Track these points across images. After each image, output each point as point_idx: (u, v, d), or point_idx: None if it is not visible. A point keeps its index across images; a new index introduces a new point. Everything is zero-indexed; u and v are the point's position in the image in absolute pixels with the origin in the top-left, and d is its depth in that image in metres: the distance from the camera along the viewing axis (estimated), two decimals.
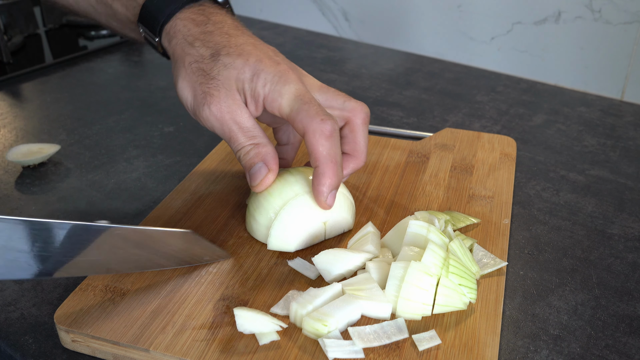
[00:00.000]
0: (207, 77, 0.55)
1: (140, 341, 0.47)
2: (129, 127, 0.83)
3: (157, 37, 0.59)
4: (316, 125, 0.52)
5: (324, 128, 0.52)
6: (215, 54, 0.55)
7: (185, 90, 0.56)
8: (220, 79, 0.55)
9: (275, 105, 0.54)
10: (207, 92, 0.55)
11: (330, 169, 0.53)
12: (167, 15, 0.58)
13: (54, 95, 0.93)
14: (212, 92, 0.54)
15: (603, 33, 0.91)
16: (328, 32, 1.18)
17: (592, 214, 0.66)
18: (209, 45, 0.56)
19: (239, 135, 0.55)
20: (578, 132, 0.83)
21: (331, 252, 0.52)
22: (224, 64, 0.55)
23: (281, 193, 0.55)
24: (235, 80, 0.55)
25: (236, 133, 0.55)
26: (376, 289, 0.49)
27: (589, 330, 0.51)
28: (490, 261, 0.55)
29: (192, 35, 0.57)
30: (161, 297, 0.51)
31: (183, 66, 0.56)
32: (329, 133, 0.52)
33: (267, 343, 0.47)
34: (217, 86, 0.55)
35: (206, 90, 0.55)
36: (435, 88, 0.96)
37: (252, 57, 0.55)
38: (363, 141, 0.58)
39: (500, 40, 1.00)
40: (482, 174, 0.68)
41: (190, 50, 0.56)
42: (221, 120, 0.54)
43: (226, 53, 0.55)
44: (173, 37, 0.58)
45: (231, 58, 0.55)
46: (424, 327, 0.49)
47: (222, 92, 0.54)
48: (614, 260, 0.59)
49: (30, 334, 0.51)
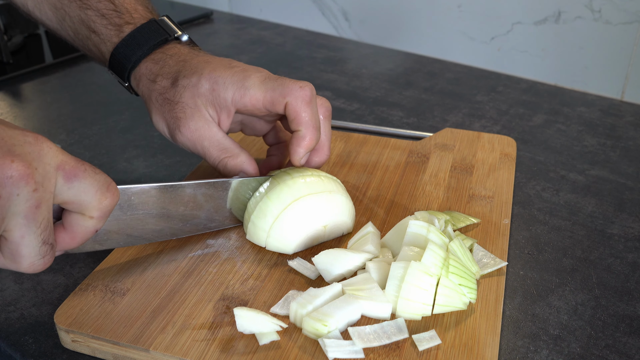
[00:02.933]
0: (172, 103, 0.58)
1: (140, 341, 0.47)
2: (128, 127, 0.83)
3: (127, 82, 0.62)
4: (297, 92, 0.55)
5: (304, 94, 0.55)
6: (174, 81, 0.58)
7: (159, 123, 0.59)
8: (183, 100, 0.57)
9: (246, 100, 0.56)
10: (176, 117, 0.57)
11: (311, 132, 0.56)
12: (133, 62, 0.61)
13: (53, 95, 0.93)
14: (179, 115, 0.57)
15: (603, 33, 0.91)
16: (328, 32, 1.18)
17: (592, 214, 0.66)
18: (168, 77, 0.59)
19: (212, 151, 0.57)
20: (578, 132, 0.83)
21: (331, 253, 0.52)
22: (183, 86, 0.57)
23: (279, 197, 0.54)
24: (197, 96, 0.57)
25: (208, 149, 0.57)
26: (376, 289, 0.49)
27: (589, 330, 0.51)
28: (490, 261, 0.55)
29: (153, 73, 0.60)
30: (161, 297, 0.51)
31: (152, 102, 0.59)
32: (309, 99, 0.56)
33: (267, 343, 0.47)
34: (183, 108, 0.57)
35: (174, 116, 0.57)
36: (435, 88, 0.96)
37: (206, 70, 0.57)
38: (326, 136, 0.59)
39: (500, 41, 1.00)
40: (482, 174, 0.68)
41: (153, 86, 0.59)
42: (192, 140, 0.57)
43: (183, 76, 0.58)
44: (139, 80, 0.61)
45: (187, 79, 0.57)
46: (424, 327, 0.49)
47: (187, 112, 0.57)
48: (614, 260, 0.59)
49: (30, 334, 0.51)
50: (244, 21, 1.25)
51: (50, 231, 0.42)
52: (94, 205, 0.43)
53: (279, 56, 1.08)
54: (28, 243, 0.40)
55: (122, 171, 0.73)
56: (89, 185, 0.42)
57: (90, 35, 0.63)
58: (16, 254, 0.41)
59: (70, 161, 0.42)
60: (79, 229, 0.44)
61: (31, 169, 0.39)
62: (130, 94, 0.65)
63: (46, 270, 0.57)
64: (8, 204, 0.38)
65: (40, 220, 0.40)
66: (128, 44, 0.61)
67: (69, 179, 0.41)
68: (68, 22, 0.64)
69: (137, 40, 0.61)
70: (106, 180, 0.44)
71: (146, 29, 0.61)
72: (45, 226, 0.41)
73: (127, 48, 0.61)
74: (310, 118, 0.56)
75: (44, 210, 0.40)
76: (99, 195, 0.43)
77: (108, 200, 0.43)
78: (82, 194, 0.42)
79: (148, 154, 0.77)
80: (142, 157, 0.76)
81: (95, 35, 0.62)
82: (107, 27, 0.62)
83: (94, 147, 0.79)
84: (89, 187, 0.42)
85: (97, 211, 0.43)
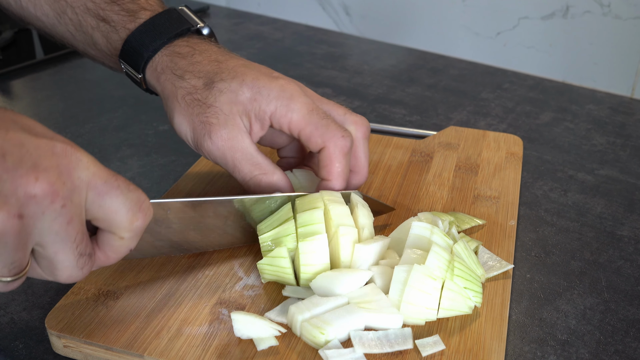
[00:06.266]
0: (203, 106, 0.54)
1: (134, 346, 0.47)
2: (122, 125, 0.83)
3: (140, 74, 0.59)
4: (337, 140, 0.54)
5: (344, 145, 0.54)
6: (208, 82, 0.55)
7: (183, 125, 0.55)
8: (217, 105, 0.54)
9: (284, 121, 0.54)
10: (206, 122, 0.54)
11: (339, 185, 0.55)
12: (152, 51, 0.57)
13: (45, 92, 0.93)
14: (211, 120, 0.54)
15: (612, 28, 0.91)
16: (328, 27, 1.18)
17: (601, 215, 0.66)
18: (200, 75, 0.56)
19: (244, 165, 0.54)
20: (587, 130, 0.83)
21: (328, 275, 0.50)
22: (219, 90, 0.54)
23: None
24: (235, 103, 0.54)
25: (240, 162, 0.54)
26: (384, 300, 0.49)
27: (598, 335, 0.51)
28: (496, 264, 0.55)
29: (181, 69, 0.56)
30: (156, 301, 0.51)
31: (176, 100, 0.55)
32: (347, 150, 0.55)
33: (266, 349, 0.47)
34: (216, 113, 0.54)
35: (204, 120, 0.54)
36: (439, 85, 0.96)
37: (248, 77, 0.55)
38: (364, 156, 0.58)
39: (507, 36, 1.00)
40: (488, 174, 0.68)
41: (181, 83, 0.56)
42: (223, 150, 0.54)
43: (220, 79, 0.55)
44: (161, 73, 0.57)
45: (226, 83, 0.55)
46: (428, 332, 0.49)
47: (221, 118, 0.54)
48: (624, 262, 0.59)
49: (20, 339, 0.51)
50: (241, 16, 1.25)
51: (87, 243, 0.40)
52: (125, 226, 0.41)
53: (277, 52, 1.08)
54: (64, 258, 0.39)
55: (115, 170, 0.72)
56: (121, 204, 0.40)
57: (98, 24, 0.60)
58: (53, 268, 0.40)
59: (102, 175, 0.40)
60: (111, 248, 0.43)
61: (57, 186, 0.37)
62: (142, 89, 0.61)
63: None
64: (34, 222, 0.37)
65: (74, 235, 0.39)
66: (146, 30, 0.58)
67: (100, 195, 0.40)
68: (69, 14, 0.61)
69: (157, 27, 0.58)
70: (139, 199, 0.42)
71: (166, 16, 0.58)
72: (80, 239, 0.39)
73: (145, 35, 0.57)
74: (342, 170, 0.55)
75: (77, 224, 0.39)
76: (130, 215, 0.41)
77: (140, 221, 0.42)
78: (113, 213, 0.40)
79: (142, 153, 0.77)
80: (136, 157, 0.76)
81: (104, 24, 0.59)
82: (119, 14, 0.59)
83: (86, 145, 0.78)
84: (120, 207, 0.40)
85: (128, 232, 0.42)
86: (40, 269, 0.41)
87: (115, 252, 0.43)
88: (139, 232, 0.43)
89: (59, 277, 0.41)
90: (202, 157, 0.71)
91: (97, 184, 0.39)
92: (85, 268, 0.41)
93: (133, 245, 0.43)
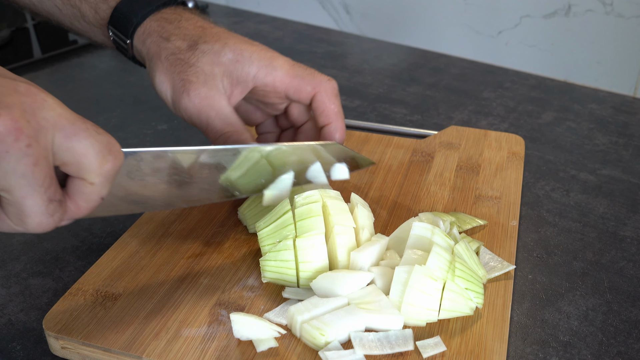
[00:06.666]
0: (185, 65, 0.57)
1: (132, 348, 0.47)
2: (120, 124, 0.83)
3: (129, 39, 0.61)
4: (326, 84, 0.59)
5: (333, 87, 0.59)
6: (192, 44, 0.57)
7: (163, 84, 0.58)
8: (199, 65, 0.56)
9: (269, 80, 0.58)
10: (186, 80, 0.56)
11: (341, 124, 0.60)
12: (140, 17, 0.60)
13: None
14: (191, 78, 0.56)
15: (615, 27, 0.91)
16: (328, 26, 1.18)
17: (604, 216, 0.66)
18: (185, 38, 0.58)
19: (217, 122, 0.56)
20: (589, 130, 0.83)
21: (330, 275, 0.51)
22: (202, 51, 0.57)
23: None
24: (216, 64, 0.57)
25: (213, 120, 0.56)
26: (385, 301, 0.49)
27: (600, 336, 0.51)
28: (498, 264, 0.55)
29: (167, 32, 0.59)
30: (154, 302, 0.51)
31: (159, 60, 0.58)
32: (337, 91, 0.60)
33: (265, 350, 0.47)
34: (197, 72, 0.56)
35: (185, 78, 0.56)
36: (440, 84, 0.96)
37: (231, 41, 0.58)
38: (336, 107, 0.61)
39: (508, 35, 1.00)
40: (489, 174, 0.68)
41: (166, 44, 0.58)
42: (199, 107, 0.56)
43: (203, 41, 0.57)
44: (148, 36, 0.59)
45: (209, 45, 0.57)
46: (429, 333, 0.49)
47: (201, 77, 0.56)
48: (627, 263, 0.59)
49: (18, 341, 0.51)
50: (240, 14, 1.25)
51: (56, 188, 0.39)
52: (94, 170, 0.40)
53: (277, 51, 1.08)
54: (32, 203, 0.38)
55: None
56: (89, 146, 0.39)
57: None
58: (22, 215, 0.38)
59: (69, 116, 0.39)
60: (82, 196, 0.41)
61: (21, 124, 0.36)
62: (126, 57, 0.63)
63: (35, 274, 0.58)
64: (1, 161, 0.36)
65: (41, 179, 0.37)
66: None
67: (67, 137, 0.38)
68: None
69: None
70: (109, 142, 0.40)
71: None
72: (49, 184, 0.38)
73: (135, 3, 0.60)
74: (339, 110, 0.60)
75: (44, 166, 0.37)
76: (100, 158, 0.39)
77: (110, 164, 0.40)
78: (82, 156, 0.39)
79: None
80: None
81: None
82: None
83: None
84: (89, 149, 0.39)
85: (98, 176, 0.40)
86: (9, 218, 0.39)
87: (86, 200, 0.41)
88: (110, 177, 0.41)
89: (29, 224, 0.39)
90: None
91: (65, 125, 0.38)
92: (56, 215, 0.40)
93: (104, 192, 0.41)
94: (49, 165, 0.38)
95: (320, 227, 0.51)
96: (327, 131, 0.60)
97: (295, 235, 0.51)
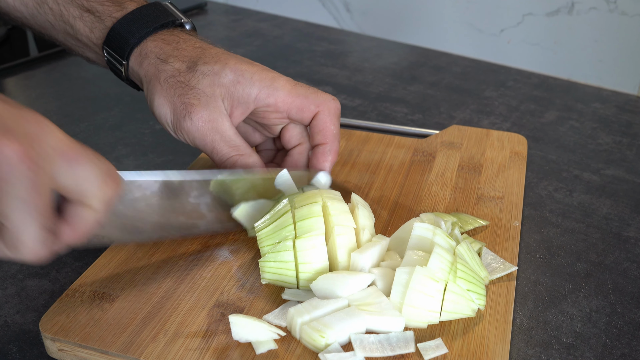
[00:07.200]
0: (185, 88, 0.56)
1: (130, 350, 0.47)
2: (118, 124, 0.83)
3: (125, 61, 0.61)
4: (329, 103, 0.58)
5: (336, 107, 0.59)
6: (192, 65, 0.57)
7: (163, 107, 0.57)
8: (200, 87, 0.56)
9: (271, 100, 0.57)
10: (188, 103, 0.56)
11: (336, 147, 0.59)
12: (138, 38, 0.60)
13: (39, 90, 0.93)
14: (192, 101, 0.56)
15: (619, 25, 0.91)
16: (328, 24, 1.18)
17: (608, 216, 0.66)
18: (184, 60, 0.58)
19: (222, 146, 0.57)
20: (592, 129, 0.83)
21: (330, 277, 0.50)
22: (202, 73, 0.57)
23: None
24: (217, 85, 0.56)
25: (219, 143, 0.56)
26: (386, 302, 0.49)
27: (604, 338, 0.51)
28: (500, 265, 0.55)
29: (165, 53, 0.59)
30: (152, 304, 0.51)
31: (158, 82, 0.58)
32: (339, 113, 0.59)
33: (264, 352, 0.47)
34: (198, 95, 0.56)
35: (186, 101, 0.56)
36: (441, 83, 0.96)
37: (231, 62, 0.57)
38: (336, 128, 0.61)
39: (511, 33, 1.00)
40: (491, 174, 0.68)
41: (164, 66, 0.58)
42: (202, 131, 0.56)
43: (203, 62, 0.57)
44: (145, 58, 0.59)
45: (209, 66, 0.57)
46: (430, 335, 0.49)
47: (202, 100, 0.56)
48: (631, 264, 0.59)
49: (14, 343, 0.51)
50: (239, 12, 1.25)
51: (52, 218, 0.41)
52: (95, 194, 0.42)
53: (276, 49, 1.08)
54: (28, 230, 0.39)
55: None
56: (92, 171, 0.41)
57: (82, 14, 0.62)
58: (16, 241, 0.40)
59: (72, 144, 0.41)
60: (80, 220, 0.43)
61: (27, 148, 0.38)
62: (121, 79, 0.63)
63: (31, 275, 0.58)
64: (4, 185, 0.37)
65: (40, 205, 0.39)
66: (134, 19, 0.60)
67: (69, 163, 0.40)
68: (50, 3, 0.63)
69: (144, 17, 0.60)
70: (109, 168, 0.43)
71: (152, 9, 0.61)
72: (46, 210, 0.40)
73: (132, 23, 0.60)
74: (337, 132, 0.59)
75: (43, 193, 0.39)
76: (101, 182, 0.42)
77: (110, 189, 0.42)
78: (83, 181, 0.41)
79: (138, 152, 0.77)
80: (132, 156, 0.76)
81: (88, 15, 0.61)
82: (104, 4, 0.61)
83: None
84: (90, 174, 0.41)
85: (97, 201, 0.42)
86: (4, 244, 0.40)
87: (83, 224, 0.43)
88: (110, 202, 0.43)
89: (22, 251, 0.40)
90: (199, 157, 0.71)
91: (66, 152, 0.40)
92: (49, 245, 0.41)
93: (102, 218, 0.43)
94: (49, 192, 0.40)
95: (320, 227, 0.51)
96: (321, 151, 0.59)
97: (295, 236, 0.51)
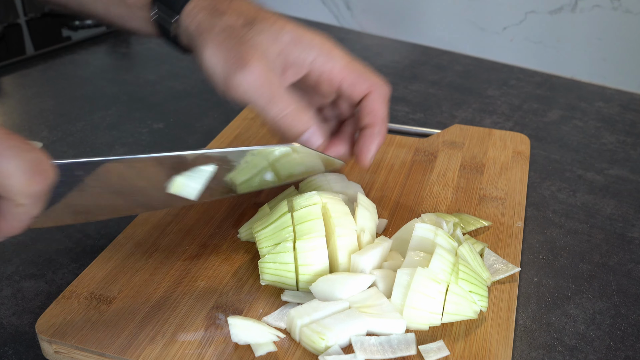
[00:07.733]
0: (240, 41, 0.55)
1: (127, 352, 0.47)
2: (115, 123, 0.83)
3: (177, 15, 0.58)
4: (382, 87, 0.58)
5: (387, 91, 0.59)
6: (249, 21, 0.56)
7: (214, 58, 0.55)
8: (254, 44, 0.55)
9: (326, 69, 0.57)
10: (241, 57, 0.54)
11: (384, 130, 0.58)
12: None
13: (35, 89, 0.93)
14: (247, 56, 0.54)
15: (623, 23, 0.91)
16: (329, 22, 1.18)
17: (611, 217, 0.66)
18: (241, 16, 0.57)
19: (279, 100, 0.54)
20: (596, 128, 0.83)
21: (329, 278, 0.50)
22: (259, 30, 0.56)
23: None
24: (274, 42, 0.55)
25: (276, 96, 0.54)
26: (387, 304, 0.49)
27: (607, 340, 0.51)
28: (502, 267, 0.55)
29: (221, 9, 0.57)
30: (150, 305, 0.51)
31: (212, 34, 0.56)
32: (388, 97, 0.59)
33: (264, 354, 0.47)
34: (253, 48, 0.54)
35: (242, 52, 0.54)
36: (443, 82, 0.96)
37: (289, 25, 0.57)
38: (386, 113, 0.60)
39: (513, 31, 1.00)
40: (494, 174, 0.68)
41: (219, 21, 0.56)
42: (256, 84, 0.54)
43: (261, 20, 0.56)
44: (199, 11, 0.58)
45: (267, 24, 0.56)
46: (432, 337, 0.48)
47: (257, 54, 0.54)
48: (635, 265, 0.59)
49: (10, 345, 0.51)
50: None
51: None
52: (22, 191, 0.38)
53: None
54: None
55: None
56: (15, 167, 0.37)
57: None
58: None
59: None
60: (12, 216, 0.40)
61: None
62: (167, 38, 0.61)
63: (27, 276, 0.57)
64: None
65: None
66: None
67: None
68: None
69: None
70: (37, 160, 0.39)
71: None
72: None
73: None
74: (386, 116, 0.58)
75: None
76: (26, 179, 0.38)
77: (37, 184, 0.39)
78: (5, 177, 0.37)
79: (136, 152, 0.77)
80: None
81: None
82: None
83: (78, 144, 0.79)
84: (14, 170, 0.37)
85: (25, 198, 0.39)
86: None
87: (17, 220, 0.40)
88: (40, 197, 0.40)
89: None
90: None
91: None
92: None
93: (36, 211, 0.40)
94: None
95: (320, 229, 0.51)
96: (369, 133, 0.58)
97: (295, 238, 0.51)
